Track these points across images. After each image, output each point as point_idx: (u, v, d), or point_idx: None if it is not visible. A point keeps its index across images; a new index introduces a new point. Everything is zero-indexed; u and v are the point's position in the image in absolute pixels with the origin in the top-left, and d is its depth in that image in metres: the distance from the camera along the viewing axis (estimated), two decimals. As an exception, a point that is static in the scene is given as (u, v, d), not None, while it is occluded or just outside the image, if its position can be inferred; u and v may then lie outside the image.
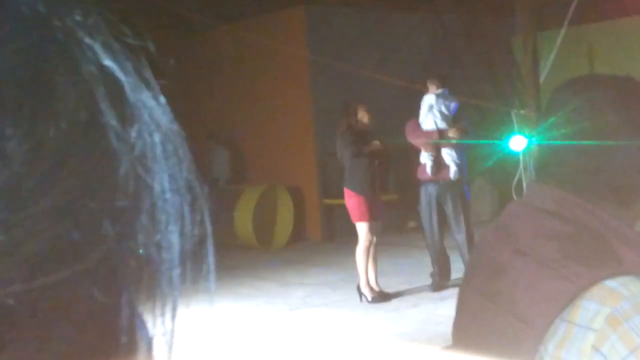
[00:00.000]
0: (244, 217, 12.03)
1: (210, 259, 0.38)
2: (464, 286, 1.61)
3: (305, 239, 12.75)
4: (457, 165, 8.22)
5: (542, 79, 8.19)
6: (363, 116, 8.18)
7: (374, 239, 8.11)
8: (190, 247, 0.37)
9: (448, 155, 8.25)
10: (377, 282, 8.18)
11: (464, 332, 1.59)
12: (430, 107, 8.39)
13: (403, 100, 12.11)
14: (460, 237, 8.35)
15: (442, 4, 13.04)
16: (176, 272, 0.36)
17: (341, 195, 8.45)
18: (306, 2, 12.42)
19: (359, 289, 8.13)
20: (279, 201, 12.64)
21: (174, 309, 0.37)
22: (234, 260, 10.37)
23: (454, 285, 8.29)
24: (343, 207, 8.59)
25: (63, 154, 0.31)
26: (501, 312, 1.41)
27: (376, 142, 8.13)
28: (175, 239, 0.36)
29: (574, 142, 1.43)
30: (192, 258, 0.38)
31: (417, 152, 8.53)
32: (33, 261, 0.30)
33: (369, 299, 8.05)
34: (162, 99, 0.36)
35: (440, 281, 8.46)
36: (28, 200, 0.30)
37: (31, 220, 0.29)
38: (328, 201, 12.44)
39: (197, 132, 12.97)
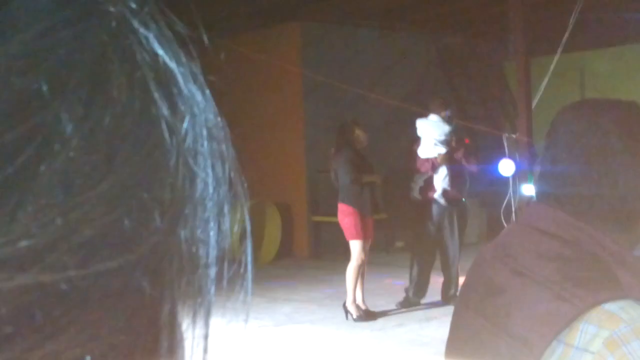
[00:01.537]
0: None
1: (249, 258, 0.37)
2: (460, 305, 1.61)
3: (292, 256, 12.72)
4: (444, 189, 8.27)
5: (534, 104, 8.23)
6: (359, 135, 8.18)
7: (366, 257, 8.11)
8: (228, 246, 0.37)
9: (441, 180, 8.29)
10: (363, 301, 8.16)
11: (458, 351, 1.58)
12: (427, 132, 8.43)
13: (395, 120, 12.16)
14: (453, 255, 8.39)
15: (436, 27, 13.10)
16: (212, 270, 0.36)
17: (329, 213, 8.44)
18: (302, 19, 12.45)
19: (345, 306, 8.11)
20: (267, 217, 12.62)
21: (208, 313, 0.36)
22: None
23: (439, 306, 8.30)
24: (331, 225, 8.56)
25: (117, 141, 0.30)
26: (498, 332, 1.41)
27: (375, 176, 8.19)
28: (213, 235, 0.35)
29: (576, 165, 1.44)
30: (230, 257, 0.37)
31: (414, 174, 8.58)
32: (87, 247, 0.29)
33: (355, 317, 8.03)
34: (208, 93, 0.36)
35: (412, 297, 8.47)
36: (83, 185, 0.29)
37: (86, 205, 0.29)
38: (316, 218, 12.44)
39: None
